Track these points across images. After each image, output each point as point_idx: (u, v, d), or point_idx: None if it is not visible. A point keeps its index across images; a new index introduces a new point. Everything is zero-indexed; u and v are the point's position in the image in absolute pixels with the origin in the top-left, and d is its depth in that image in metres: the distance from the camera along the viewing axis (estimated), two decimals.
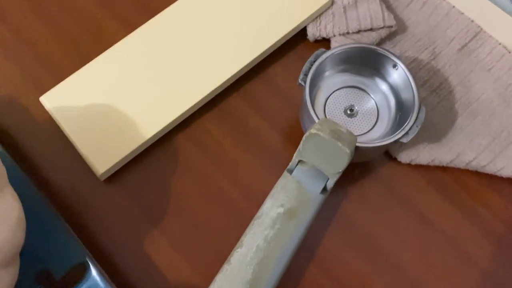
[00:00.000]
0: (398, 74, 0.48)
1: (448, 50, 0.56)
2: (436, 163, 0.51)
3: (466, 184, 0.51)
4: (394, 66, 0.48)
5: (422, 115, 0.44)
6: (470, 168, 0.51)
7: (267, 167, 0.52)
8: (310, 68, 0.45)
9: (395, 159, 0.52)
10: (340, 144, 0.42)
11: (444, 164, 0.51)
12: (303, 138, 0.44)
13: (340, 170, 0.44)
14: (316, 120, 0.45)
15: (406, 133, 0.44)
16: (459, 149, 0.51)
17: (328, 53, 0.46)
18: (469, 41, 0.56)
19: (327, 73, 0.50)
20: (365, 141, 0.45)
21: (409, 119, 0.44)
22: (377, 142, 0.44)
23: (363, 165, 0.52)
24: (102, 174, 0.49)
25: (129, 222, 0.49)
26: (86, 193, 0.51)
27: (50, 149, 0.52)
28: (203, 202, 0.50)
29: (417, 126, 0.44)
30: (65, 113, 0.51)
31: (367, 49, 0.48)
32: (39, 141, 0.52)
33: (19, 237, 0.36)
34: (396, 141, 0.44)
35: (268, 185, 0.50)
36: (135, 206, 0.50)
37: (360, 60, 0.49)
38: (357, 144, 0.43)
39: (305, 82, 0.45)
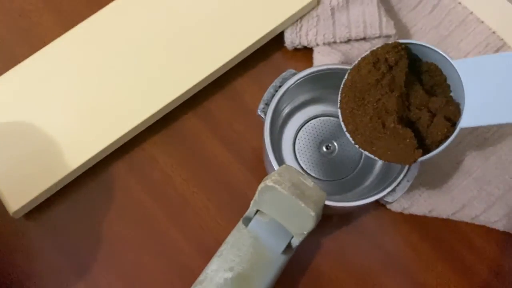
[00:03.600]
0: None
1: None
2: (434, 214, 0.40)
3: (472, 243, 0.41)
4: None
5: (416, 168, 0.34)
6: (478, 223, 0.41)
7: (224, 208, 0.42)
8: (273, 96, 0.35)
9: (383, 206, 0.42)
10: (303, 204, 0.31)
11: (445, 217, 0.41)
12: (259, 188, 0.34)
13: (305, 232, 0.34)
14: (276, 166, 0.34)
15: (393, 190, 0.33)
16: (465, 199, 0.40)
17: (299, 75, 0.36)
18: None
19: (299, 99, 0.39)
20: (338, 197, 0.34)
21: (398, 171, 0.33)
22: (353, 201, 0.33)
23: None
24: (16, 212, 0.40)
25: (49, 269, 0.40)
26: None
27: None
28: (140, 250, 0.41)
29: (408, 181, 0.33)
30: None
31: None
32: None
33: None
34: (379, 200, 0.34)
35: (224, 232, 0.41)
36: (58, 250, 0.41)
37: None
38: (327, 203, 0.33)
39: (265, 114, 0.35)
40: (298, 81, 0.35)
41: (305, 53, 0.46)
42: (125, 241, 0.41)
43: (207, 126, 0.44)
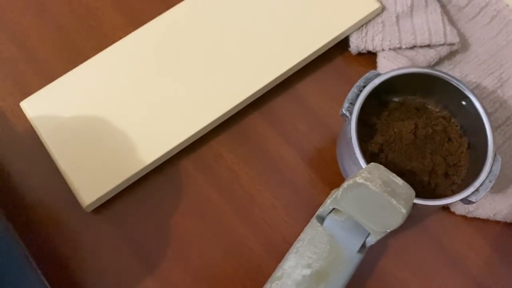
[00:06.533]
0: (466, 111, 0.38)
1: None
2: (499, 218, 0.41)
3: None
4: (463, 100, 0.38)
5: (497, 168, 0.35)
6: None
7: (291, 206, 0.43)
8: (358, 96, 0.36)
9: (447, 209, 0.43)
10: (394, 202, 0.32)
11: (509, 221, 0.42)
12: (344, 185, 0.34)
13: (389, 230, 0.34)
14: (363, 165, 0.35)
15: (476, 190, 0.34)
16: None
17: (383, 77, 0.37)
18: None
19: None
20: (423, 196, 0.35)
21: (481, 172, 0.34)
22: (440, 200, 0.34)
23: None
24: (89, 206, 0.40)
25: (118, 263, 0.40)
26: (69, 225, 0.41)
27: (26, 166, 0.43)
28: (208, 245, 0.41)
29: (490, 182, 0.34)
30: (50, 125, 0.42)
31: (429, 76, 0.38)
32: (15, 155, 0.43)
33: None
34: (464, 199, 0.35)
35: (291, 230, 0.42)
36: (127, 244, 0.41)
37: (420, 88, 0.40)
38: (416, 201, 0.33)
39: (351, 113, 0.36)
40: (381, 83, 0.36)
41: (367, 58, 0.47)
42: (193, 236, 0.41)
43: (272, 126, 0.45)
